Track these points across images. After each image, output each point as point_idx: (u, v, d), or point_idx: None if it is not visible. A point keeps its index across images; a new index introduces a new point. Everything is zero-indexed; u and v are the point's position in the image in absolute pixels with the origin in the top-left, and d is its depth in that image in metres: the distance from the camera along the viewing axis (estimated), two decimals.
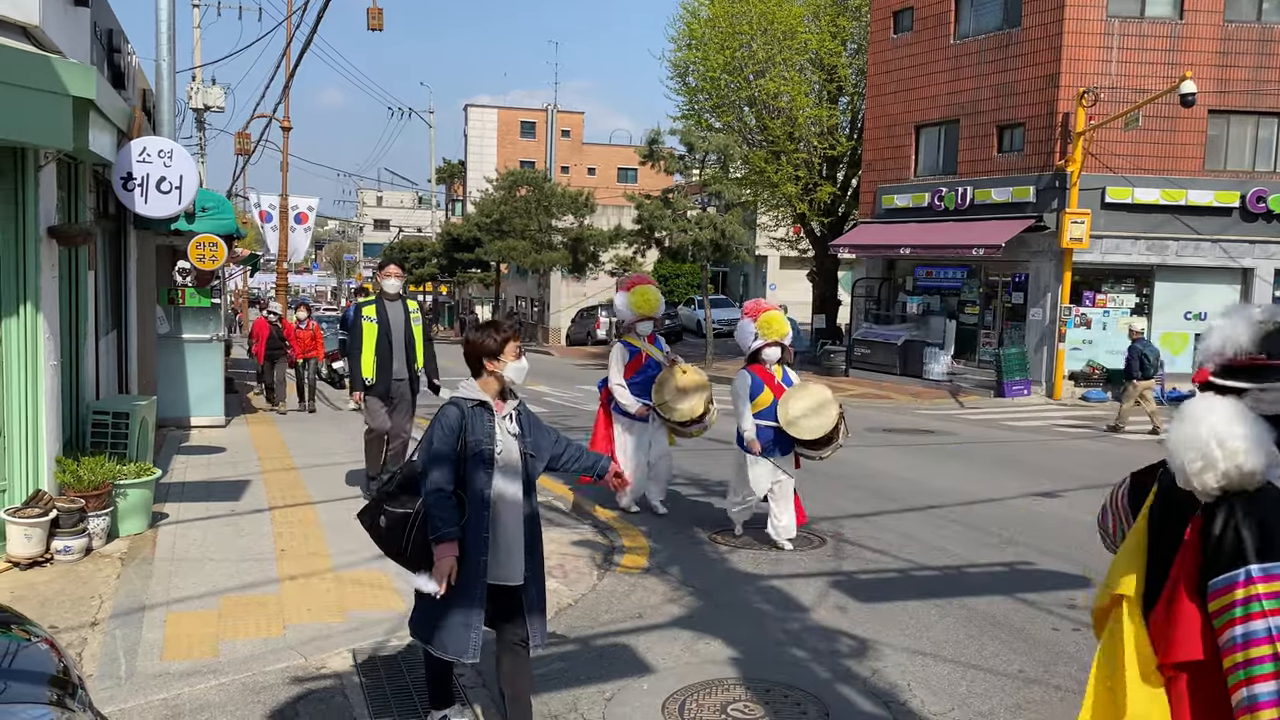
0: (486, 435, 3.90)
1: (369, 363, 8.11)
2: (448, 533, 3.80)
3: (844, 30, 28.84)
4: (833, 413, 7.20)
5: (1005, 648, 5.33)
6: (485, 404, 3.95)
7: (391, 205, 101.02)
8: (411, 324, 8.32)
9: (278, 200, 26.58)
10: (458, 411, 3.91)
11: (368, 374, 8.11)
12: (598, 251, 40.52)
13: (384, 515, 4.01)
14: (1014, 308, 21.94)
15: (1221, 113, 20.47)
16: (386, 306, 8.23)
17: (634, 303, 8.53)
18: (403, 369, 8.23)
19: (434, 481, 3.83)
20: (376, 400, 8.27)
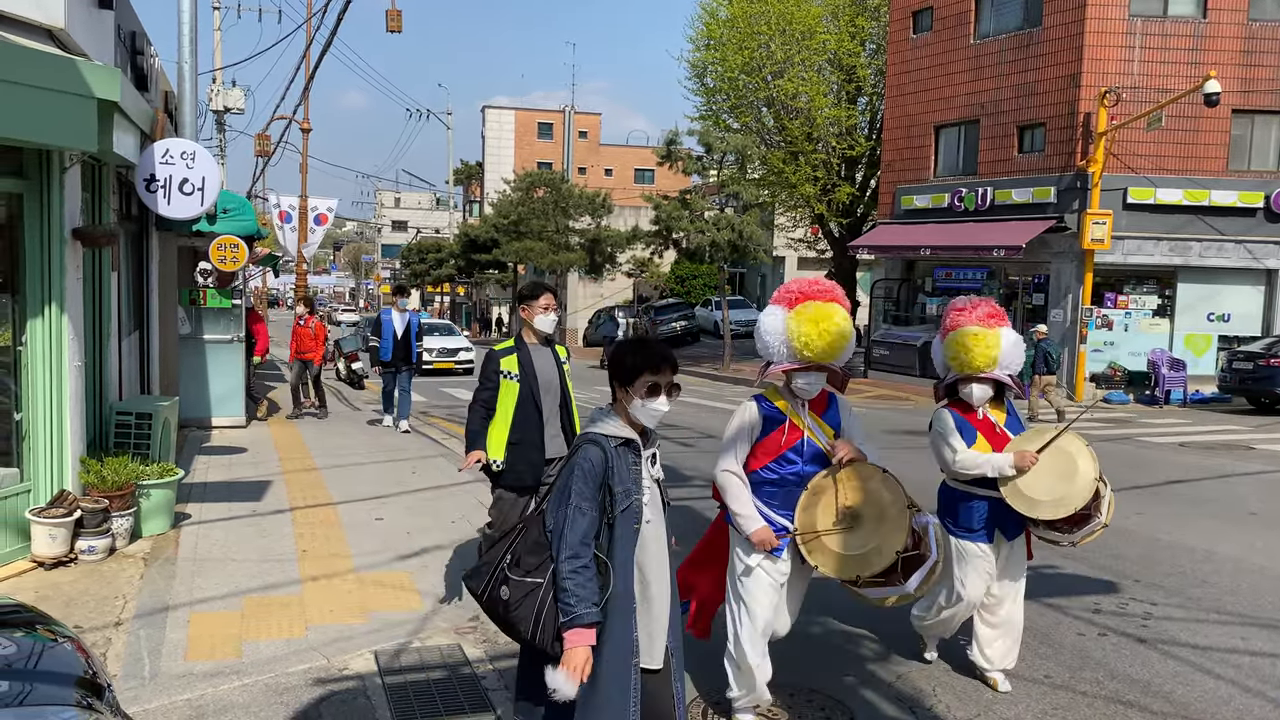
0: (634, 482, 3.13)
1: (502, 439, 5.37)
2: (586, 614, 2.94)
3: (863, 30, 28.75)
4: (1088, 475, 4.53)
5: (1030, 653, 5.27)
6: (631, 442, 3.17)
7: (409, 206, 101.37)
8: (566, 379, 5.60)
9: (297, 201, 26.70)
10: (600, 453, 3.10)
11: (498, 454, 5.36)
12: (615, 252, 40.52)
13: (507, 585, 3.13)
14: (1035, 309, 21.79)
15: (1245, 112, 20.28)
16: (532, 354, 5.45)
17: (801, 335, 4.36)
18: (560, 445, 5.42)
19: (571, 545, 2.98)
20: (511, 495, 5.44)
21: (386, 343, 13.31)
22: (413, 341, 13.45)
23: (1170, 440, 14.44)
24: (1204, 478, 11.12)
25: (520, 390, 5.34)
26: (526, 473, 5.33)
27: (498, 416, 5.36)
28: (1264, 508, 9.32)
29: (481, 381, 5.48)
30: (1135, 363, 20.46)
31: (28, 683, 2.71)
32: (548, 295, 5.51)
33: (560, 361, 5.55)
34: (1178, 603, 6.22)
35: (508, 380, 5.36)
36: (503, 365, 5.38)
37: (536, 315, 5.45)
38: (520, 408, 5.33)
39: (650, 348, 3.21)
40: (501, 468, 5.35)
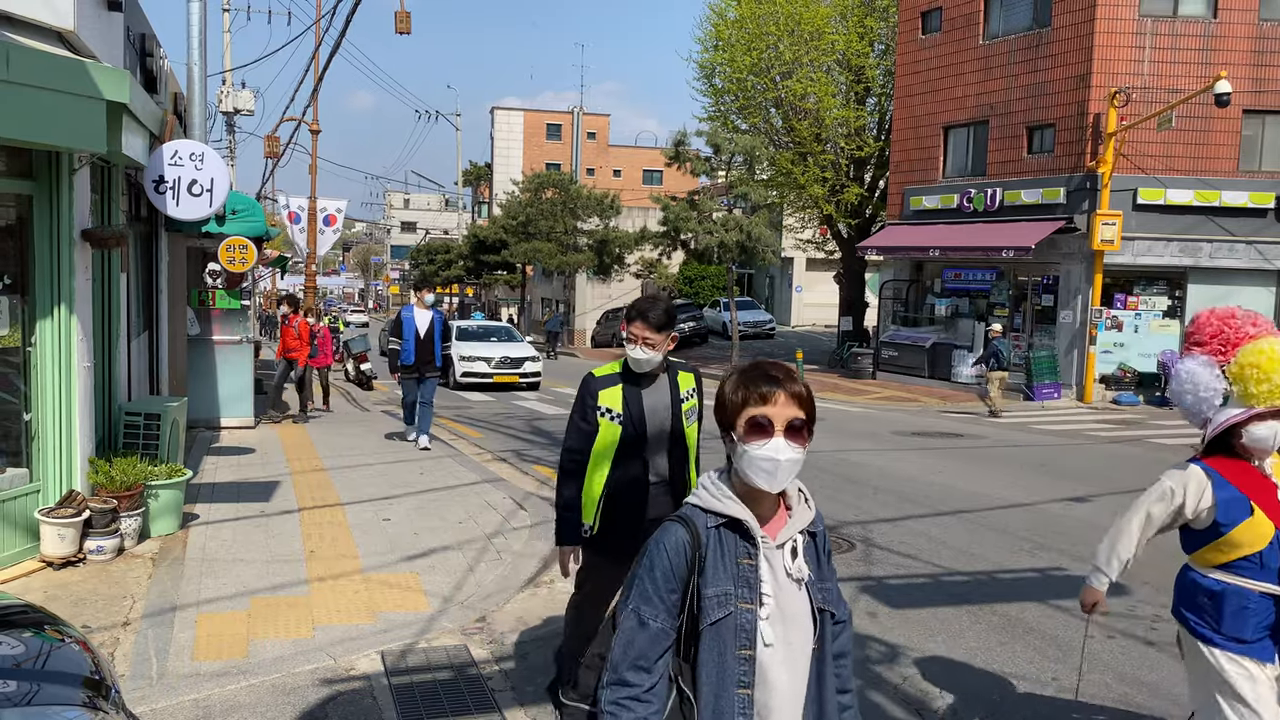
0: (744, 583, 2.11)
1: (593, 499, 4.11)
2: None
3: (871, 31, 28.70)
4: None
5: (1039, 655, 5.26)
6: (739, 523, 2.16)
7: (418, 208, 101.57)
8: (683, 418, 4.17)
9: (306, 202, 26.78)
10: (685, 537, 2.14)
11: (590, 518, 4.13)
12: (623, 253, 40.52)
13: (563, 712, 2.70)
14: (1044, 310, 21.72)
15: (1256, 113, 20.17)
16: (643, 389, 4.15)
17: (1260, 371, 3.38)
18: (665, 503, 4.09)
19: (616, 669, 2.08)
20: (604, 561, 4.18)
21: (408, 344, 11.76)
22: (437, 343, 11.94)
23: (1181, 442, 14.35)
24: None
25: (623, 433, 4.04)
26: (626, 538, 4.03)
27: (590, 465, 4.09)
28: None
29: (574, 422, 4.16)
30: (1145, 364, 20.35)
31: (35, 683, 2.72)
32: (641, 323, 4.01)
33: (679, 397, 4.13)
34: None
35: (607, 420, 4.05)
36: (602, 399, 4.07)
37: (629, 344, 4.06)
38: (621, 456, 4.05)
39: (755, 369, 2.27)
40: (594, 531, 4.12)
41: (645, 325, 4.03)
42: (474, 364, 20.96)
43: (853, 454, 12.48)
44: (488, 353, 21.28)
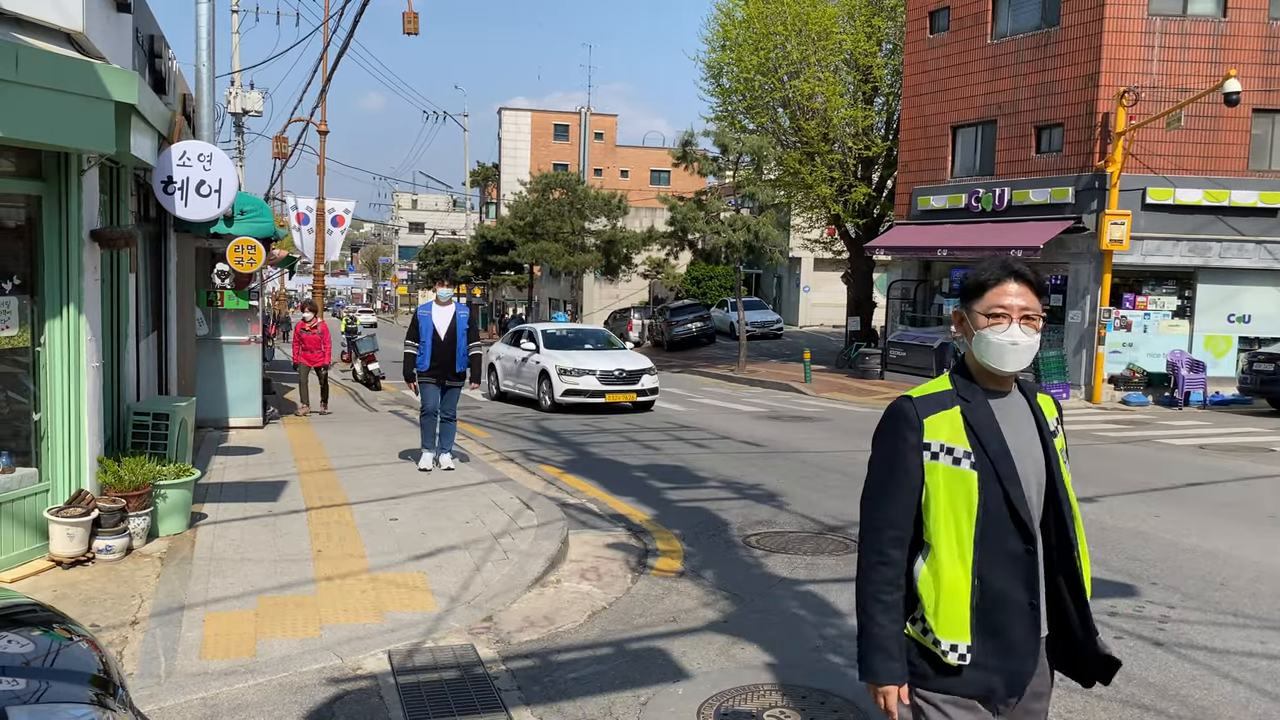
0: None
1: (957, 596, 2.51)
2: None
3: (879, 30, 28.66)
4: None
5: None
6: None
7: (426, 208, 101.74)
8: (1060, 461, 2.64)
9: (314, 203, 26.83)
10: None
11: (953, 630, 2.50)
12: (630, 254, 40.54)
13: None
14: (1052, 310, 21.65)
15: (1266, 112, 20.10)
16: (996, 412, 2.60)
17: None
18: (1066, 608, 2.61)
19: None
20: None
21: (425, 346, 10.01)
22: (460, 343, 10.05)
23: (1190, 442, 14.32)
24: (1224, 480, 11.02)
25: (981, 488, 2.49)
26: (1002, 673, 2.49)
27: (937, 545, 2.50)
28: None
29: (882, 474, 2.62)
30: (1154, 364, 20.30)
31: (43, 681, 2.73)
32: (1018, 283, 2.55)
33: (1047, 428, 2.63)
34: (1195, 606, 6.17)
35: (946, 464, 2.52)
36: (931, 431, 2.56)
37: (990, 328, 2.54)
38: (985, 524, 2.49)
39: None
40: (961, 659, 2.47)
41: (1025, 286, 2.52)
42: (579, 379, 16.94)
43: (860, 454, 12.40)
44: (594, 364, 17.23)
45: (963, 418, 2.54)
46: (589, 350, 18.31)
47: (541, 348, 17.97)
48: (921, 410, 2.59)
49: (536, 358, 17.78)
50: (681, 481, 10.41)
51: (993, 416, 2.55)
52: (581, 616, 5.83)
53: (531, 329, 19.10)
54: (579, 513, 8.73)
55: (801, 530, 8.12)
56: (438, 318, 10.12)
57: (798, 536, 7.89)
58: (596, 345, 18.90)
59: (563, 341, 18.61)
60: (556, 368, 17.13)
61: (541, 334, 18.59)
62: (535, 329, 19.00)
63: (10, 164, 6.15)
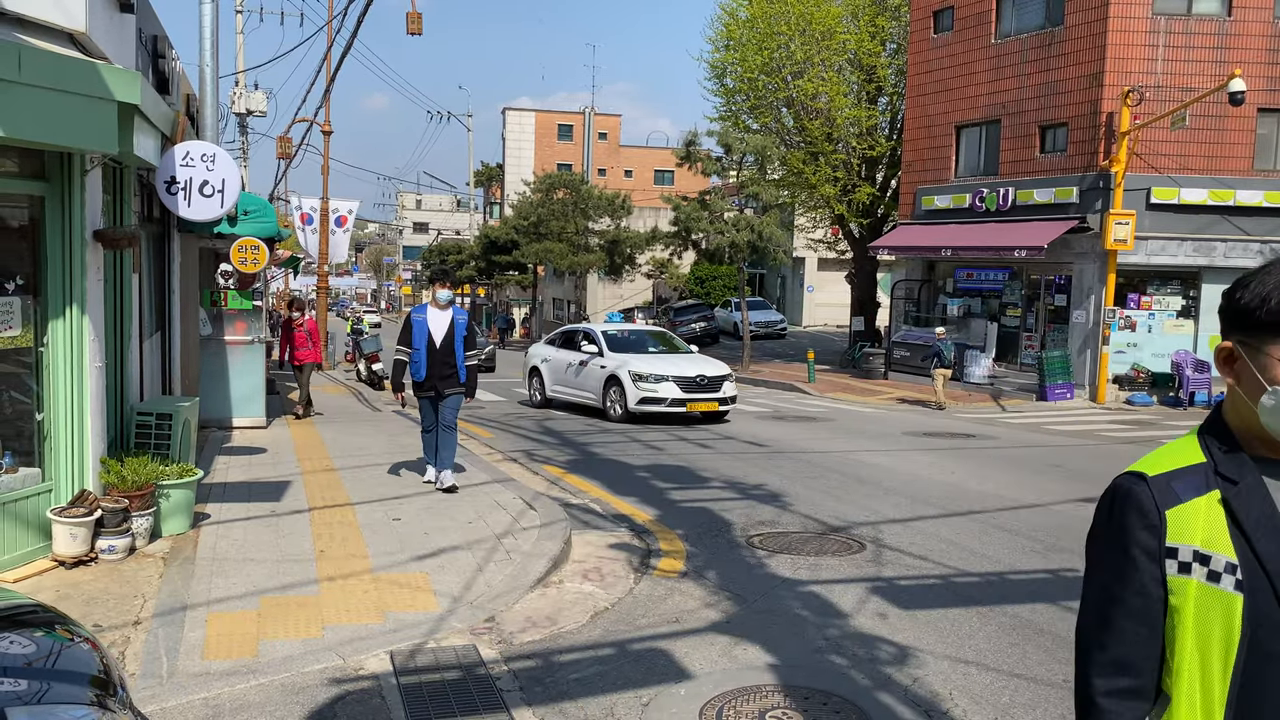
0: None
1: None
2: None
3: (883, 30, 28.64)
4: None
5: (1049, 656, 5.23)
6: None
7: (430, 208, 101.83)
8: None
9: (318, 203, 26.85)
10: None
11: None
12: (634, 254, 40.55)
13: None
14: (1056, 310, 21.63)
15: (1271, 111, 20.05)
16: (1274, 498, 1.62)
17: None
18: None
19: None
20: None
21: (419, 354, 8.95)
22: (458, 350, 8.98)
23: None
24: None
25: (1249, 618, 1.58)
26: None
27: (1177, 699, 1.64)
28: None
29: (1104, 591, 1.73)
30: (1159, 364, 20.25)
31: (44, 681, 2.73)
32: None
33: None
34: None
35: (1200, 582, 1.62)
36: (1176, 531, 1.65)
37: None
38: (1249, 671, 1.59)
39: None
40: None
41: None
42: (657, 386, 15.25)
43: (864, 454, 12.44)
44: (670, 368, 15.57)
45: (1225, 508, 1.63)
46: (656, 354, 16.60)
47: (606, 350, 16.39)
48: (1162, 497, 1.67)
49: (600, 361, 16.19)
50: (684, 482, 10.40)
51: (1275, 507, 1.62)
52: (584, 617, 5.83)
53: (589, 330, 17.69)
54: (582, 513, 8.72)
55: (804, 531, 8.11)
56: (434, 322, 8.97)
57: (800, 537, 7.88)
58: (662, 348, 17.17)
59: (626, 344, 16.96)
60: (631, 373, 15.42)
61: (603, 335, 17.05)
62: (594, 330, 17.61)
63: (13, 164, 6.16)
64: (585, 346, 16.88)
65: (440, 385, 8.95)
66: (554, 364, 17.52)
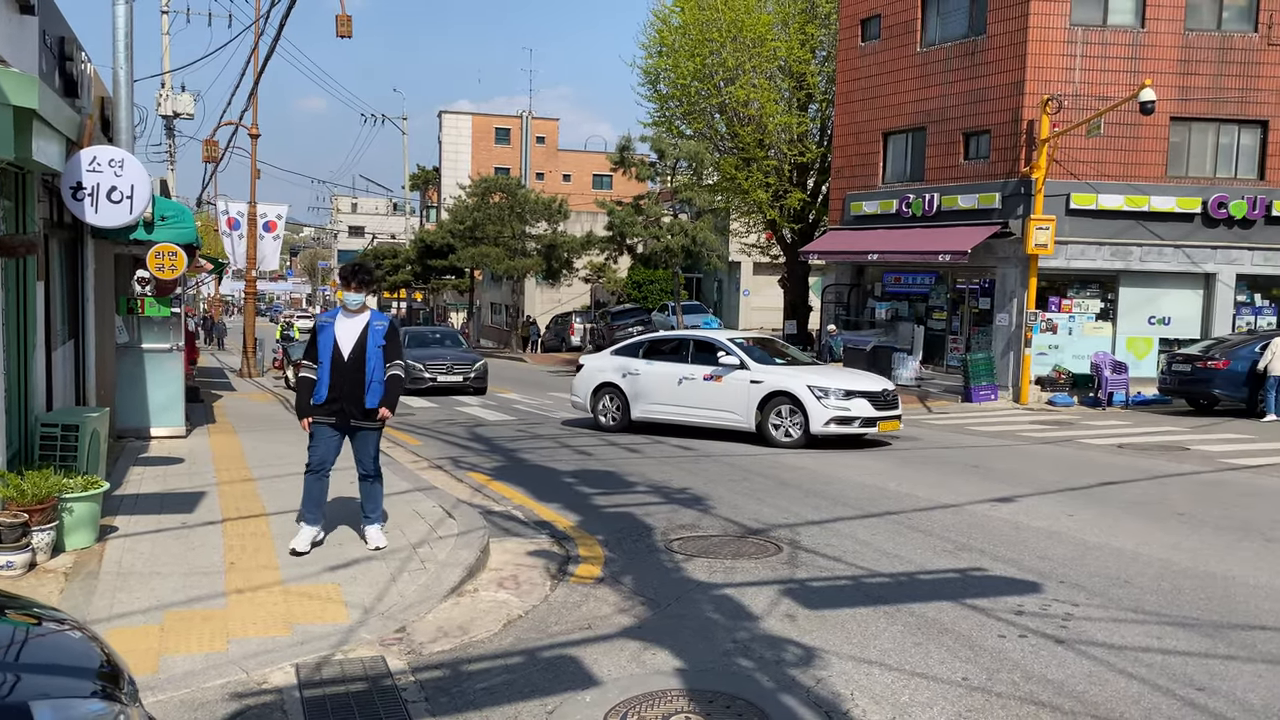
0: None
1: None
2: None
3: (813, 38, 29.03)
4: None
5: (951, 655, 5.35)
6: None
7: (366, 212, 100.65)
8: None
9: (246, 208, 26.40)
10: None
11: None
12: (571, 258, 40.54)
13: None
14: (981, 313, 22.11)
15: (1183, 120, 20.74)
16: None
17: None
18: None
19: None
20: None
21: (323, 369, 7.07)
22: (370, 368, 7.07)
23: (1109, 442, 14.70)
24: (1138, 479, 11.33)
25: None
26: None
27: None
28: (1192, 509, 9.53)
29: None
30: (1079, 365, 20.81)
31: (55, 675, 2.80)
32: None
33: None
34: (1099, 603, 6.33)
35: None
36: None
37: None
38: None
39: None
40: None
41: None
42: (849, 404, 13.40)
43: (788, 456, 12.58)
44: (851, 383, 13.77)
45: None
46: (786, 365, 14.61)
47: (750, 362, 14.16)
48: None
49: (747, 375, 13.94)
50: (610, 487, 10.43)
51: None
52: (496, 626, 5.82)
53: (713, 339, 15.00)
54: (503, 520, 8.71)
55: (724, 534, 8.19)
56: (342, 331, 7.13)
57: (719, 540, 7.95)
58: (786, 358, 15.23)
59: (757, 354, 14.65)
60: (810, 388, 13.42)
61: (739, 345, 14.66)
62: (720, 338, 15.00)
63: None
64: (724, 359, 14.28)
65: (348, 408, 7.07)
66: (647, 379, 14.86)
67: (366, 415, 7.12)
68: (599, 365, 15.73)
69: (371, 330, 7.15)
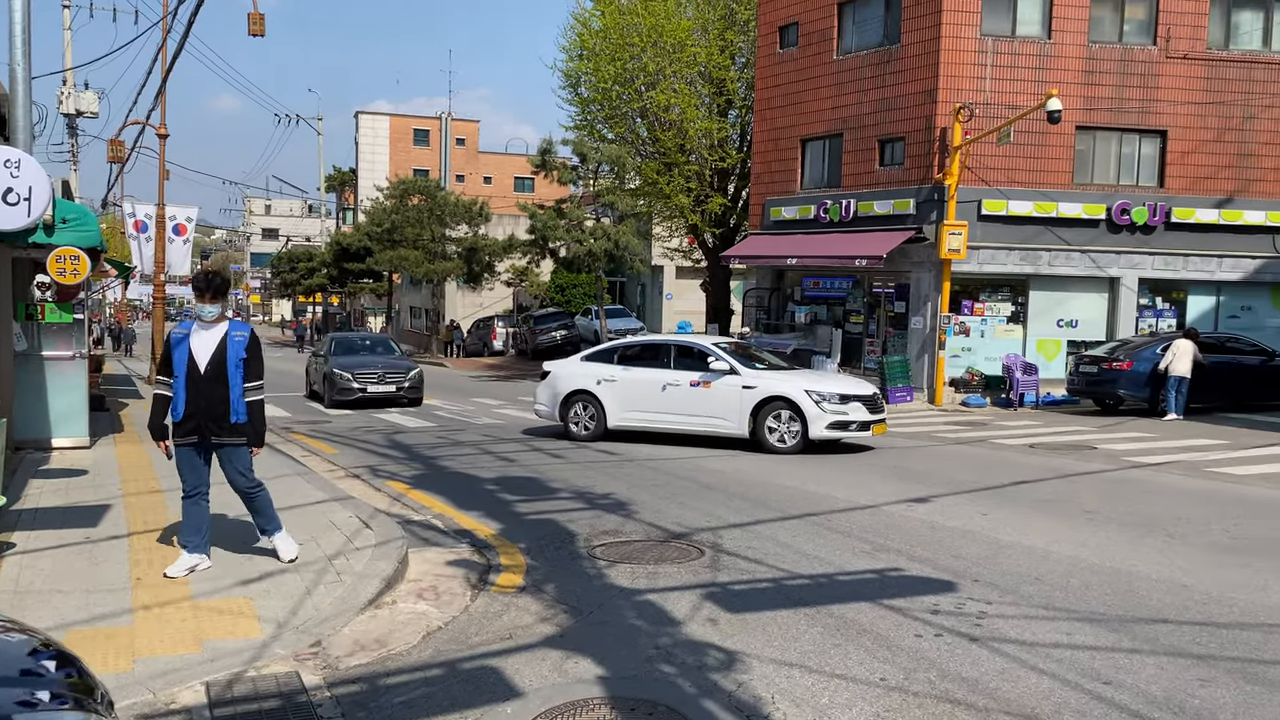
0: None
1: None
2: None
3: (732, 44, 29.29)
4: None
5: (869, 655, 5.42)
6: None
7: (281, 214, 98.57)
8: None
9: (154, 210, 25.59)
10: None
11: None
12: (493, 261, 40.23)
13: None
14: (896, 317, 22.55)
15: (1088, 129, 21.45)
16: None
17: None
18: None
19: None
20: None
21: (178, 386, 6.65)
22: (233, 382, 6.66)
23: (1021, 441, 15.11)
24: (1048, 478, 11.66)
25: None
26: None
27: None
28: (1099, 507, 9.83)
29: None
30: (991, 367, 21.37)
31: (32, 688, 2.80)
32: None
33: None
34: (1011, 601, 6.49)
35: None
36: None
37: None
38: None
39: None
40: None
41: None
42: (845, 408, 13.49)
43: (709, 460, 12.65)
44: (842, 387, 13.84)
45: None
46: (773, 369, 14.57)
47: (741, 368, 13.94)
48: None
49: (739, 381, 13.74)
50: (533, 493, 10.36)
51: None
52: (415, 638, 5.72)
53: (698, 344, 14.61)
54: (423, 529, 8.58)
55: (647, 539, 8.19)
56: (198, 344, 6.66)
57: (642, 545, 7.95)
58: (767, 363, 15.04)
59: (744, 360, 14.40)
60: (808, 393, 13.36)
61: (725, 350, 14.38)
62: (704, 343, 14.59)
63: None
64: (713, 365, 13.97)
65: (207, 425, 6.65)
66: (627, 385, 14.50)
67: (231, 432, 6.72)
68: (569, 372, 15.25)
69: (231, 342, 6.70)
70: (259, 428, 6.83)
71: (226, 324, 6.78)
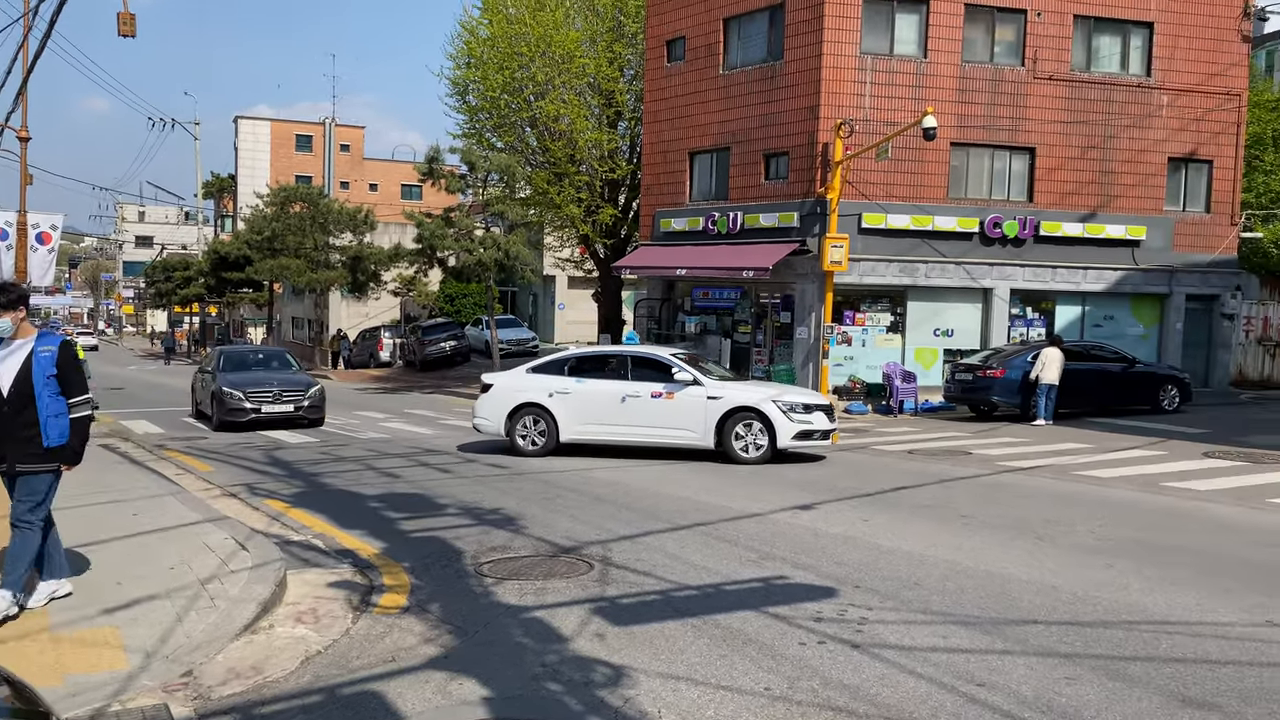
0: None
1: None
2: None
3: (620, 56, 29.45)
4: None
5: (754, 665, 5.49)
6: None
7: (156, 221, 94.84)
8: None
9: (14, 217, 24.27)
10: None
11: None
12: (379, 270, 39.45)
13: None
14: (782, 327, 22.99)
15: (962, 145, 22.30)
16: None
17: None
18: None
19: None
20: None
21: None
22: (40, 405, 5.97)
23: (901, 447, 15.56)
24: (926, 483, 12.04)
25: None
26: None
27: None
28: (974, 511, 10.19)
29: None
30: (873, 375, 21.97)
31: None
32: None
33: None
34: (891, 606, 6.66)
35: None
36: None
37: None
38: None
39: None
40: None
41: None
42: (810, 417, 13.70)
43: (600, 471, 12.66)
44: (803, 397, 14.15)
45: None
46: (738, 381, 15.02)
47: (704, 379, 13.96)
48: None
49: (703, 392, 13.71)
50: (419, 510, 10.18)
51: None
52: (293, 663, 5.54)
53: (655, 355, 14.56)
54: (303, 550, 8.33)
55: (536, 554, 8.13)
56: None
57: (531, 561, 7.89)
58: (720, 372, 15.45)
59: (705, 371, 14.56)
60: (778, 403, 13.49)
61: (684, 360, 14.33)
62: (663, 354, 14.57)
63: None
64: (677, 375, 13.93)
65: (9, 452, 5.97)
66: (582, 398, 14.21)
67: (39, 459, 6.00)
68: (515, 385, 14.73)
69: (37, 359, 5.97)
70: (79, 448, 6.19)
71: (32, 339, 6.07)
